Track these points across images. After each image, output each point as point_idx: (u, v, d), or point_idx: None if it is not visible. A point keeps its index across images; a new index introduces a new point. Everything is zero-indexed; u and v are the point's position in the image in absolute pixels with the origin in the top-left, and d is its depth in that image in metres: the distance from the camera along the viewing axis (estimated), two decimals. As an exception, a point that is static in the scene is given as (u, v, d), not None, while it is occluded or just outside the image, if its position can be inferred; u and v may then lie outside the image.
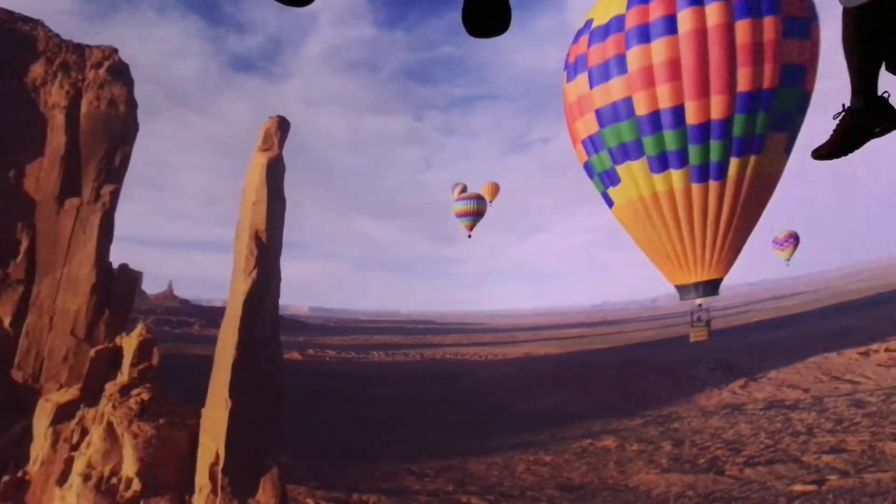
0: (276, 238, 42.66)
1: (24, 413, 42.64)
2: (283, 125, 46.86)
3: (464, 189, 78.51)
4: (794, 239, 58.14)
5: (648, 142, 16.85)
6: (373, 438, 76.50)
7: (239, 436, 36.77)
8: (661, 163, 17.01)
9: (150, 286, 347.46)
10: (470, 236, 58.20)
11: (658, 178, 17.28)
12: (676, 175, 17.02)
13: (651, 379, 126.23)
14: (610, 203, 19.51)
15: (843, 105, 4.07)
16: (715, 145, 16.34)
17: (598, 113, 17.51)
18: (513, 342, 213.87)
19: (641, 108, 16.49)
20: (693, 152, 16.49)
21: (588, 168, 19.48)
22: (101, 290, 48.08)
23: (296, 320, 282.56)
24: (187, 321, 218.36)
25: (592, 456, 74.71)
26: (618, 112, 16.96)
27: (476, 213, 57.02)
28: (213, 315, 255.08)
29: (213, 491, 36.32)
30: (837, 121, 4.14)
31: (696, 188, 17.05)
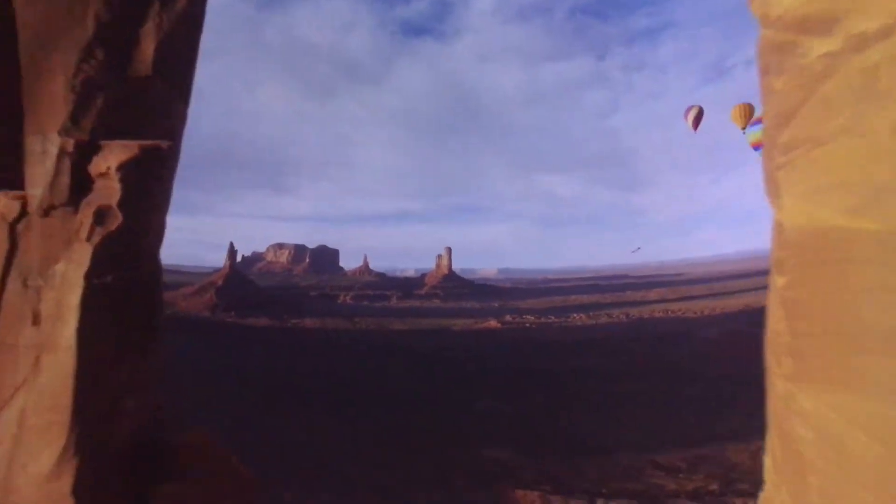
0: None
1: None
2: None
3: (699, 114, 62.76)
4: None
5: None
6: (599, 422, 65.68)
7: None
8: None
9: (347, 262, 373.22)
10: None
11: None
12: None
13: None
14: None
15: None
16: None
17: None
18: (727, 293, 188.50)
19: None
20: None
21: None
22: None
23: (487, 284, 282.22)
24: (384, 294, 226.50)
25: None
26: None
27: None
28: (408, 286, 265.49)
29: None
30: None
31: None
